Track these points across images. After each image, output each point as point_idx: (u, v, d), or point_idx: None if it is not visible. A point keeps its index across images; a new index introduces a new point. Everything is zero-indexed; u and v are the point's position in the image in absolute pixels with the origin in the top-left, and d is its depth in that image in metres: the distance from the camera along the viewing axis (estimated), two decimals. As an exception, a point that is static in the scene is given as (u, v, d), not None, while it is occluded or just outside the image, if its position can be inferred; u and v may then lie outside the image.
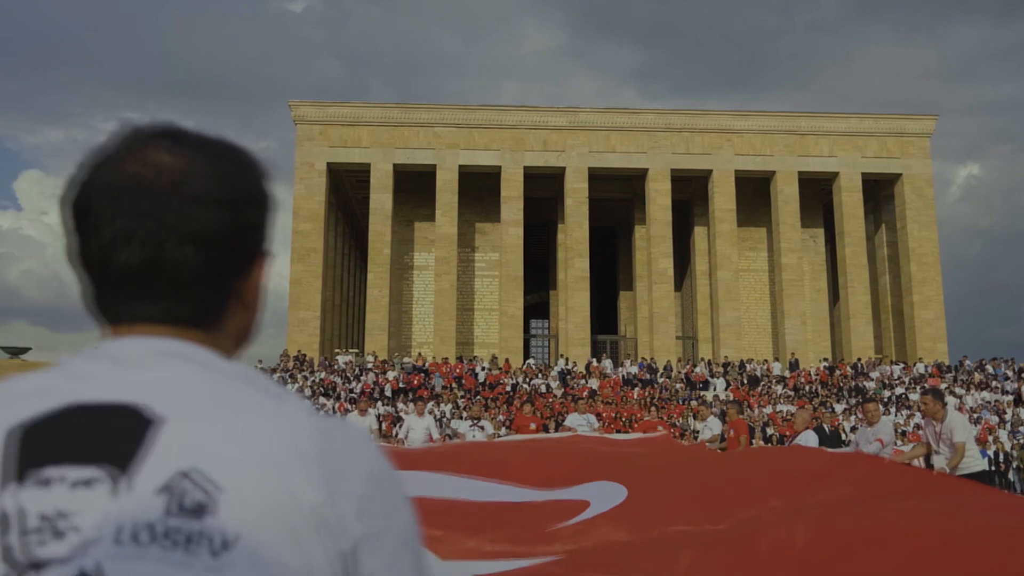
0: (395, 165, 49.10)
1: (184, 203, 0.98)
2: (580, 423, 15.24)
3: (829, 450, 9.94)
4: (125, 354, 0.98)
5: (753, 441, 19.03)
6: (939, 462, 9.32)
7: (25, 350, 45.65)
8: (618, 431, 23.35)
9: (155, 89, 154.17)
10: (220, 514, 0.87)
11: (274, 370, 40.79)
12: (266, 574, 0.86)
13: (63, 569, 0.84)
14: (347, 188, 52.78)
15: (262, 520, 0.88)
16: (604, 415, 28.65)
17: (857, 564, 4.00)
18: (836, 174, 50.48)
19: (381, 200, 48.39)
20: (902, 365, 43.47)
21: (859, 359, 45.28)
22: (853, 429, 24.32)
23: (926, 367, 42.79)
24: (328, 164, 49.08)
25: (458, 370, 40.56)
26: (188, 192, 0.99)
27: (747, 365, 43.93)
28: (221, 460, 0.89)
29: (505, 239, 48.52)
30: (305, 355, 43.54)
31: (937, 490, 5.55)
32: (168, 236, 0.97)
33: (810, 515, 5.26)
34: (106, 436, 0.90)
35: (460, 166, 49.17)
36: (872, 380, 40.97)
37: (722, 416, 17.50)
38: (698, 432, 17.01)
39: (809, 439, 11.15)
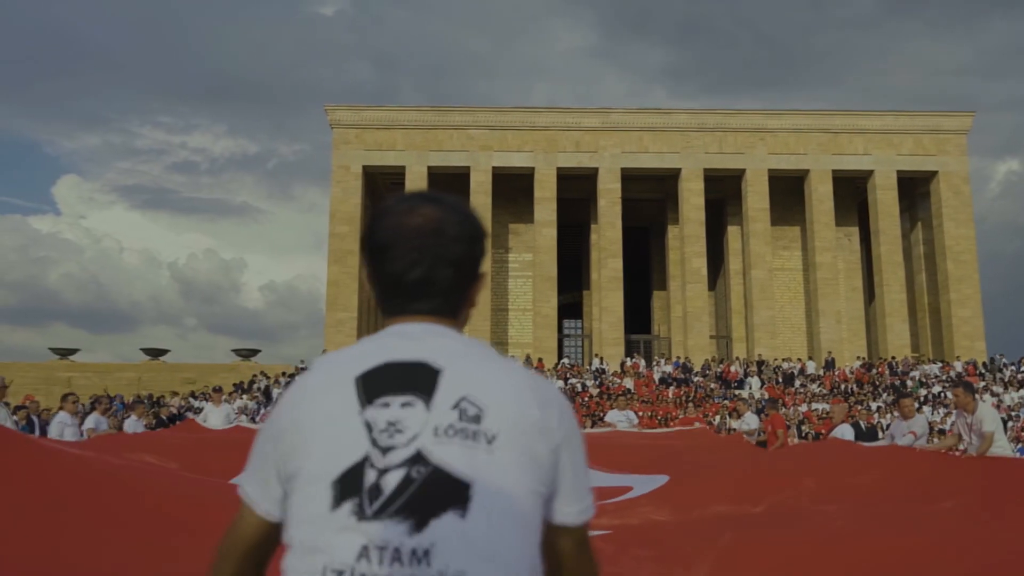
0: (429, 167, 49.66)
1: (445, 242, 1.59)
2: (620, 419, 15.52)
3: (863, 443, 10.18)
4: (409, 332, 1.58)
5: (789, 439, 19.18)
6: (970, 452, 9.55)
7: (74, 351, 46.86)
8: (654, 429, 23.58)
9: (189, 94, 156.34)
10: (486, 421, 1.45)
11: (313, 370, 41.46)
12: (516, 455, 1.45)
13: (403, 450, 1.42)
14: (382, 190, 53.44)
15: (510, 426, 1.46)
16: (640, 413, 28.89)
17: (888, 542, 4.20)
18: (871, 172, 50.20)
19: (416, 202, 48.91)
20: (940, 364, 43.16)
21: (893, 357, 45.02)
22: (888, 426, 24.33)
23: (963, 365, 42.48)
24: (364, 167, 49.80)
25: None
26: (446, 234, 1.60)
27: (783, 364, 43.91)
28: (482, 391, 1.48)
29: (539, 240, 48.87)
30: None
31: (967, 478, 5.73)
32: (436, 262, 1.59)
33: (844, 496, 5.52)
34: (413, 378, 1.48)
35: (493, 168, 49.61)
36: (910, 380, 40.75)
37: (759, 412, 17.71)
38: (733, 430, 17.21)
39: (845, 432, 11.37)
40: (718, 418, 30.86)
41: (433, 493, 1.39)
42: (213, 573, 1.62)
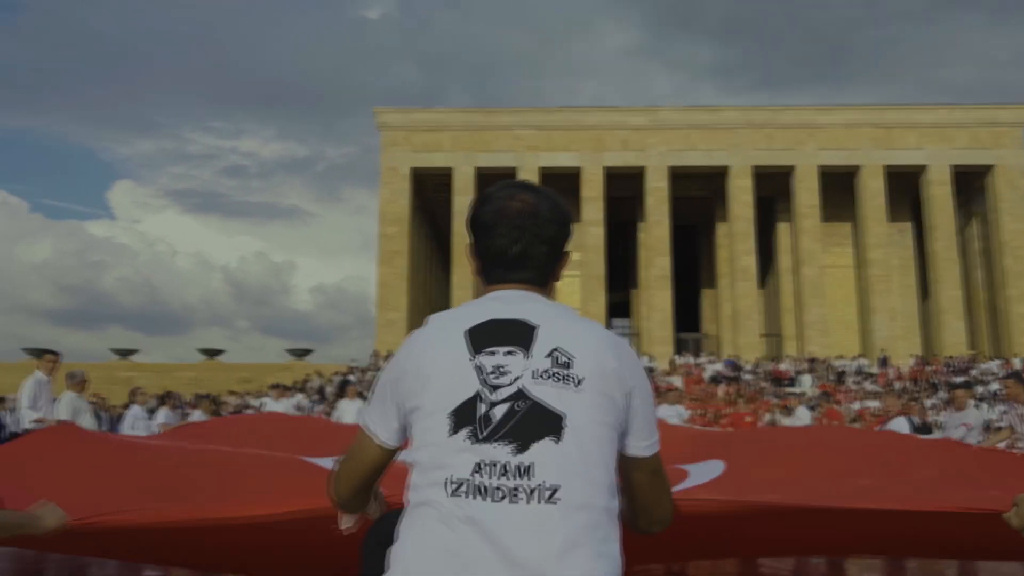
0: (476, 168, 50.06)
1: (540, 222, 1.90)
2: (670, 414, 15.59)
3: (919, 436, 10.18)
4: (507, 297, 1.89)
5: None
6: (1020, 445, 9.48)
7: (133, 351, 48.21)
8: (705, 427, 23.56)
9: (239, 99, 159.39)
10: (574, 368, 1.75)
11: (364, 370, 42.13)
12: (597, 396, 1.74)
13: (508, 389, 1.72)
14: (429, 191, 53.99)
15: (593, 372, 1.76)
16: (689, 411, 28.81)
17: (945, 539, 4.19)
18: (924, 167, 49.38)
19: (463, 203, 49.37)
20: (1000, 361, 42.28)
21: (950, 357, 44.23)
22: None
23: (1023, 362, 41.57)
24: (411, 169, 50.37)
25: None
26: (541, 217, 1.91)
27: (835, 362, 43.42)
28: (570, 344, 1.78)
29: (587, 239, 48.96)
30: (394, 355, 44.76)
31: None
32: (533, 240, 1.90)
33: (899, 492, 5.61)
34: (514, 333, 1.79)
35: (540, 168, 49.83)
36: (967, 377, 40.02)
37: (811, 408, 17.65)
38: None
39: (901, 425, 11.38)
40: (768, 416, 30.68)
41: (533, 422, 1.69)
42: (332, 490, 2.01)
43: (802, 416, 15.80)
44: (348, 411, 15.32)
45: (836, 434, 9.10)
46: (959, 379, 38.09)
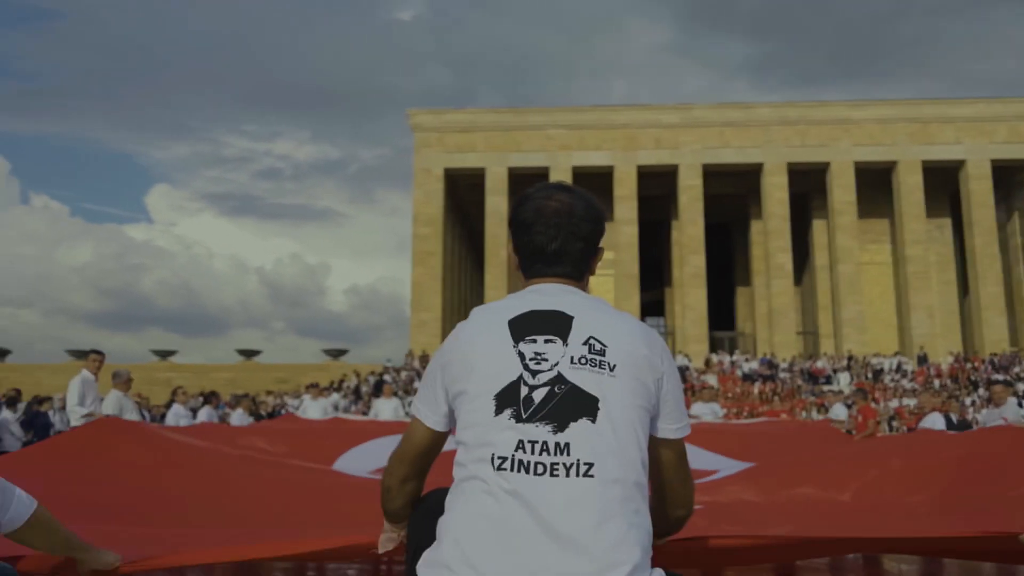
0: (509, 168, 50.20)
1: (575, 220, 2.07)
2: (705, 412, 15.62)
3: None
4: (546, 290, 2.05)
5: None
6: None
7: (172, 352, 48.98)
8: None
9: (273, 102, 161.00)
10: (608, 354, 1.90)
11: (398, 370, 42.48)
12: (630, 381, 1.90)
13: (547, 374, 1.86)
14: (462, 192, 54.21)
15: (626, 359, 1.92)
16: (724, 409, 28.72)
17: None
18: (963, 162, 48.65)
19: (496, 203, 49.57)
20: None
21: (993, 354, 43.51)
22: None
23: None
24: (445, 169, 50.63)
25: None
26: (576, 215, 2.08)
27: (872, 360, 42.94)
28: (604, 333, 1.94)
29: (620, 238, 48.89)
30: (428, 355, 45.10)
31: None
32: (569, 237, 2.06)
33: (933, 479, 5.59)
34: (552, 323, 1.94)
35: (573, 167, 49.84)
36: (1008, 376, 39.38)
37: (848, 406, 17.54)
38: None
39: (936, 422, 11.30)
40: (804, 413, 30.49)
41: (570, 404, 1.83)
42: (388, 475, 2.18)
43: (838, 413, 15.71)
44: (384, 409, 15.55)
45: (875, 444, 9.01)
46: (1000, 376, 37.50)
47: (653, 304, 56.81)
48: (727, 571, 5.07)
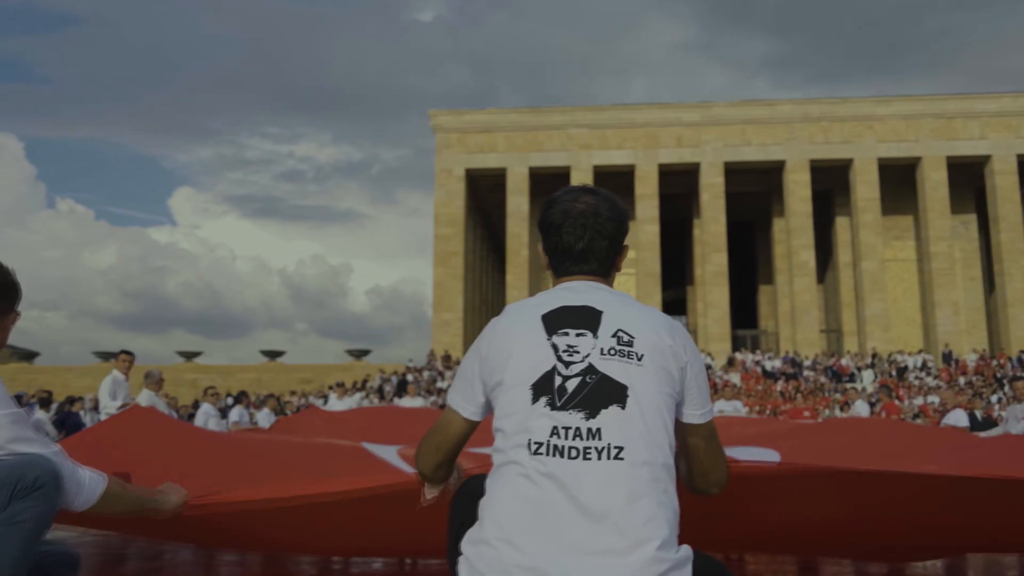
0: (530, 168, 50.29)
1: (601, 220, 2.20)
2: (727, 409, 15.69)
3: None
4: (576, 287, 2.18)
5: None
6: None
7: (197, 354, 49.52)
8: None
9: (294, 105, 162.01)
10: (636, 345, 2.02)
11: (420, 370, 42.69)
12: (656, 369, 2.01)
13: (579, 364, 1.98)
14: (483, 192, 54.35)
15: (652, 349, 2.04)
16: (747, 407, 28.68)
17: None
18: (988, 157, 48.18)
19: (517, 203, 49.68)
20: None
21: (1022, 351, 43.06)
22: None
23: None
24: (466, 170, 50.80)
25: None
26: (601, 215, 2.20)
27: (897, 357, 42.66)
28: (632, 325, 2.06)
29: (641, 236, 48.86)
30: (450, 355, 45.30)
31: None
32: (595, 236, 2.19)
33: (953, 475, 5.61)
34: (583, 317, 2.06)
35: (594, 166, 49.86)
36: (1034, 371, 39.00)
37: (871, 404, 17.51)
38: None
39: (960, 418, 11.30)
40: (827, 411, 30.36)
41: (601, 393, 1.97)
42: (421, 460, 2.32)
43: (860, 410, 15.71)
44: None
45: (892, 426, 9.08)
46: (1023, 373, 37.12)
47: (675, 303, 56.72)
48: (748, 561, 5.14)
